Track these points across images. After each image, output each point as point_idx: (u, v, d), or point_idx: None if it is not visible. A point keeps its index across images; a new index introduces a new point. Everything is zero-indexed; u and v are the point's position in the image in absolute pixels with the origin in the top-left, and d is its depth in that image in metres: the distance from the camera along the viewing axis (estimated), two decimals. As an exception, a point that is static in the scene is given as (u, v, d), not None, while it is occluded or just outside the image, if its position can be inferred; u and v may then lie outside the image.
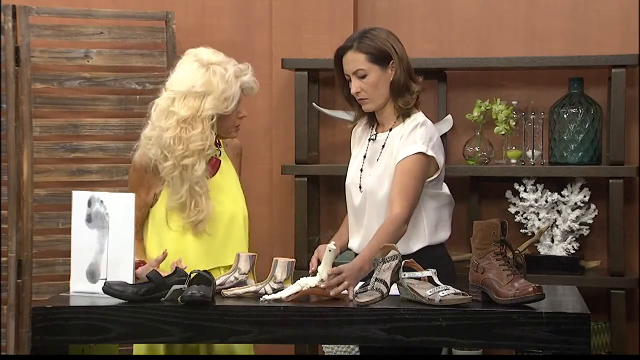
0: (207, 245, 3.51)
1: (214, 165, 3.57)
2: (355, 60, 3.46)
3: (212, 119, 3.45)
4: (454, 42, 4.60)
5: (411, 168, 3.38)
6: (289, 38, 4.62)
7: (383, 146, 3.50)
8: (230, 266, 3.40)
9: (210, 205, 3.49)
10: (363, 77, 3.46)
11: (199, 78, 3.45)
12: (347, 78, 3.52)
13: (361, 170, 3.54)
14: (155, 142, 3.46)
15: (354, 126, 3.67)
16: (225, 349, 3.52)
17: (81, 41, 4.57)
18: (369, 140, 3.57)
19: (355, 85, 3.48)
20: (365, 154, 3.55)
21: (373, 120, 3.60)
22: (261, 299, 3.10)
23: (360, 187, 3.52)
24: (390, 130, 3.51)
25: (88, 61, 4.55)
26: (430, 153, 3.41)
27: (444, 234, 3.54)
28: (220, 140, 3.63)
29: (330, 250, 3.13)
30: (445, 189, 3.57)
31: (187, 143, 3.43)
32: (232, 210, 3.56)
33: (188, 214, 3.46)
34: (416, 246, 3.45)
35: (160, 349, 3.49)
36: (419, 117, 3.50)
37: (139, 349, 3.53)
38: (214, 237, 3.52)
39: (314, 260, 3.44)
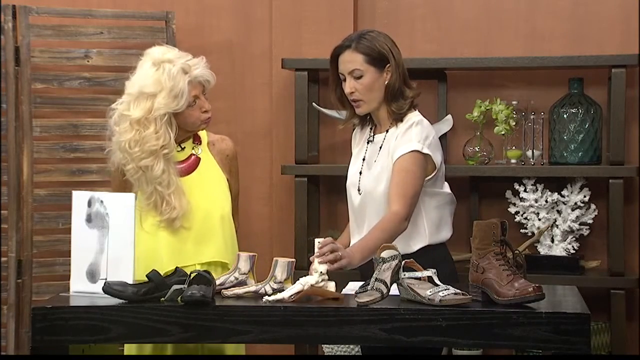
0: (180, 241, 3.54)
1: (192, 163, 3.58)
2: (352, 61, 3.46)
3: (164, 118, 3.47)
4: (454, 42, 4.59)
5: (408, 166, 3.38)
6: (289, 38, 4.62)
7: (380, 147, 3.51)
8: (205, 264, 3.49)
9: (185, 202, 3.52)
10: (359, 77, 3.46)
11: (150, 78, 3.48)
12: (341, 78, 3.51)
13: (360, 172, 3.54)
14: (116, 147, 3.53)
15: (344, 126, 3.68)
16: (217, 348, 3.53)
17: (81, 41, 4.57)
18: (367, 142, 3.57)
19: (349, 86, 3.47)
20: (364, 157, 3.56)
21: (371, 122, 3.60)
22: (263, 299, 3.10)
23: (359, 189, 3.52)
24: (387, 131, 3.51)
25: (88, 61, 4.55)
26: (426, 151, 3.41)
27: (445, 234, 3.54)
28: (203, 139, 3.65)
29: None
30: (446, 188, 3.57)
31: (142, 144, 3.46)
32: (207, 209, 3.57)
33: (161, 212, 3.51)
34: (417, 245, 3.45)
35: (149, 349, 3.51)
36: (414, 116, 3.50)
37: (129, 348, 3.54)
38: (188, 234, 3.55)
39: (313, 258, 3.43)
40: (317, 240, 3.19)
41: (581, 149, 4.32)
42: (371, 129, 3.59)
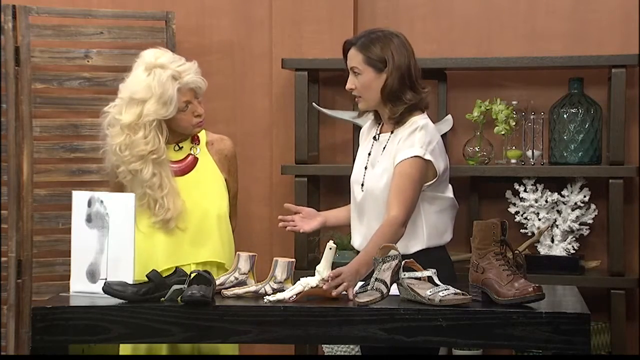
0: (176, 241, 3.55)
1: (189, 163, 3.59)
2: (353, 58, 3.48)
3: (153, 123, 3.49)
4: (454, 42, 4.60)
5: (408, 171, 3.37)
6: (289, 38, 4.62)
7: (384, 148, 3.50)
8: (200, 264, 3.49)
9: (180, 203, 3.54)
10: (358, 74, 3.47)
11: (141, 83, 3.50)
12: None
13: (365, 168, 3.54)
14: (108, 150, 3.56)
15: (362, 116, 3.67)
16: (210, 348, 3.53)
17: (81, 41, 4.57)
18: (373, 138, 3.57)
19: (350, 81, 3.49)
20: (370, 152, 3.55)
21: (379, 118, 3.59)
22: (265, 299, 3.10)
23: (362, 184, 3.52)
24: (392, 132, 3.51)
25: (88, 61, 4.55)
26: (427, 157, 3.38)
27: (444, 237, 3.52)
28: (202, 139, 3.65)
29: (330, 249, 3.13)
30: (448, 192, 3.52)
31: (132, 148, 3.49)
32: (204, 208, 3.59)
33: (155, 214, 3.52)
34: (414, 248, 3.44)
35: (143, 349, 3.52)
36: (420, 120, 3.47)
37: (124, 348, 3.54)
38: (184, 233, 3.56)
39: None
40: (328, 245, 3.17)
41: (581, 149, 4.32)
42: (379, 124, 3.59)
